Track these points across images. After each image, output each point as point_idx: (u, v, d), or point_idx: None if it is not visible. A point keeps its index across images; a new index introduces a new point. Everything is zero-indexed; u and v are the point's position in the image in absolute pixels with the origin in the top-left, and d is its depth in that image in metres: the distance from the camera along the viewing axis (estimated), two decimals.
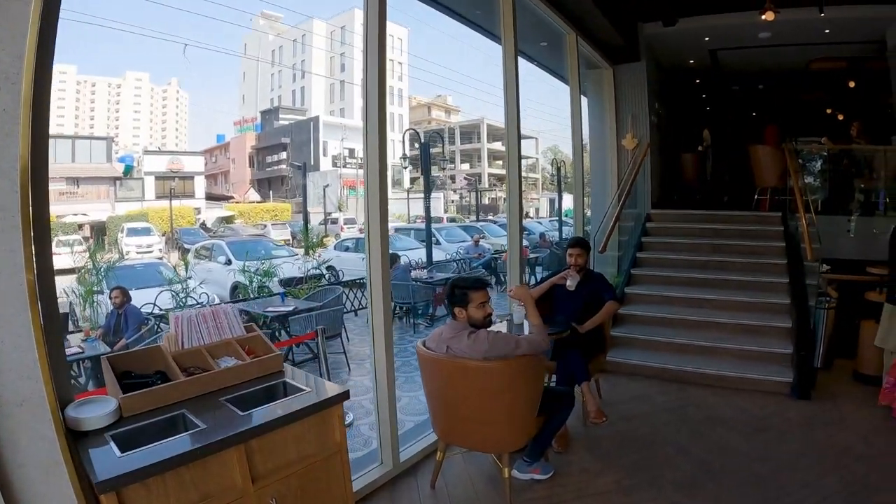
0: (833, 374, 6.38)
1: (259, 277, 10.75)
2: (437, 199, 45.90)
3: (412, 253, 15.17)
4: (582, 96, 9.83)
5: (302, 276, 11.47)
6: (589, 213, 9.41)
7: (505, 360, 3.35)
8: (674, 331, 6.61)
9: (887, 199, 9.45)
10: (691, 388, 5.81)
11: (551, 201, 41.53)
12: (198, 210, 36.93)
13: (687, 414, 5.21)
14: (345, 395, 2.77)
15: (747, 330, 6.40)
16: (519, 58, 9.33)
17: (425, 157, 15.22)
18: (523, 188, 7.06)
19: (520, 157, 5.81)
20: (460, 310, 3.47)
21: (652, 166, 9.47)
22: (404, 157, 21.24)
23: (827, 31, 9.73)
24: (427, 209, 14.36)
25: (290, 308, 7.95)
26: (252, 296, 10.35)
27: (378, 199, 3.77)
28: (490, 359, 3.32)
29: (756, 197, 9.32)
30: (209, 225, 33.41)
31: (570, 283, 4.91)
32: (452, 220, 36.73)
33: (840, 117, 15.09)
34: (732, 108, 16.05)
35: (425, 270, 11.73)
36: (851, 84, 13.40)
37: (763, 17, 7.57)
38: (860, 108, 14.10)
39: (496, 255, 14.67)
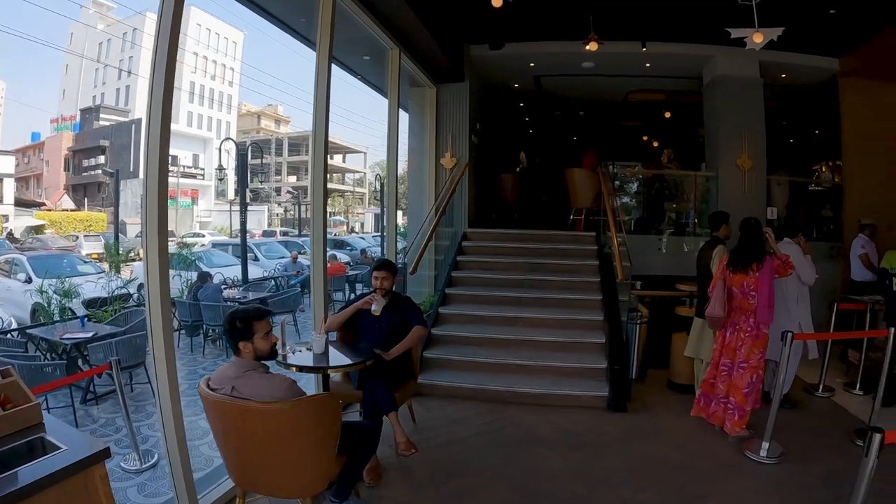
0: (648, 384, 6.72)
1: (58, 298, 9.58)
2: (262, 212, 44.74)
3: (230, 270, 14.40)
4: (404, 113, 9.90)
5: (108, 295, 10.26)
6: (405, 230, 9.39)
7: (292, 401, 3.00)
8: (490, 350, 6.54)
9: (696, 220, 10.25)
10: (509, 407, 5.76)
11: (377, 216, 41.47)
12: (5, 217, 32.18)
13: (505, 435, 5.13)
14: (104, 454, 2.22)
15: (563, 347, 6.48)
16: (344, 71, 8.81)
17: (242, 167, 14.66)
18: (350, 203, 6.83)
19: (325, 168, 5.38)
20: (245, 344, 3.07)
21: (470, 186, 9.56)
22: (220, 167, 20.26)
23: (648, 64, 10.43)
24: (243, 223, 13.75)
25: (90, 334, 7.01)
26: (53, 319, 9.11)
27: (157, 209, 3.31)
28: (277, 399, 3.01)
29: (571, 217, 9.71)
30: (17, 235, 29.33)
31: (376, 308, 4.65)
32: (273, 233, 35.47)
33: (655, 144, 16.28)
34: (554, 132, 16.78)
35: (239, 289, 11.09)
36: (667, 115, 14.54)
37: (587, 47, 7.80)
38: (674, 137, 15.29)
39: None
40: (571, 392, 5.88)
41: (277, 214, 49.28)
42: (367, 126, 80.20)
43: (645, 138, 17.26)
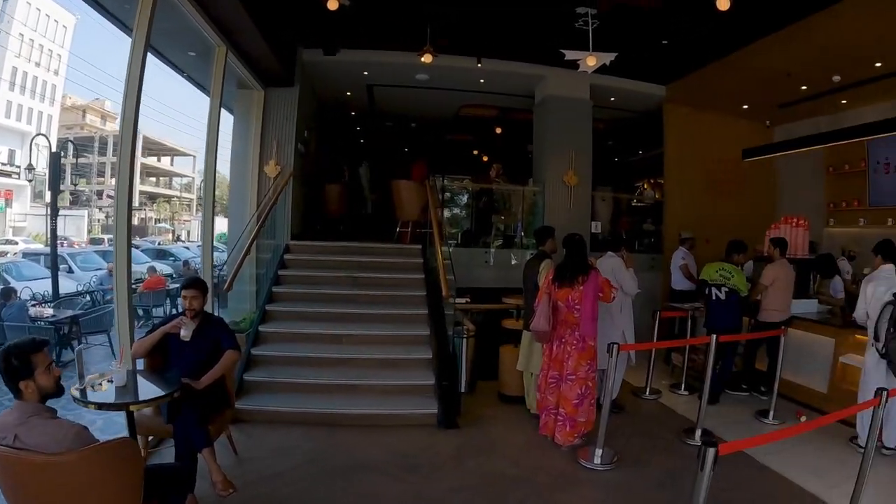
0: (478, 397, 6.80)
1: None
2: (81, 217, 40.43)
3: (41, 284, 12.96)
4: (231, 115, 9.58)
5: None
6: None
7: (79, 452, 2.62)
8: (316, 370, 6.27)
9: (523, 233, 10.54)
10: (338, 431, 5.51)
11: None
12: None
13: (334, 463, 4.85)
14: None
15: (391, 364, 6.42)
16: (171, 70, 8.39)
17: (54, 167, 13.11)
18: (176, 209, 6.30)
19: (132, 167, 4.91)
20: (26, 383, 2.64)
21: (295, 196, 9.24)
22: (29, 166, 18.63)
23: (482, 80, 10.68)
24: (53, 230, 12.43)
25: None
26: None
27: None
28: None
29: (398, 230, 9.71)
30: None
31: (185, 333, 4.25)
32: (101, 241, 31.97)
33: (485, 159, 16.72)
34: (386, 144, 16.76)
35: (49, 306, 9.84)
36: (498, 130, 15.00)
37: (422, 59, 7.84)
38: (505, 152, 15.74)
39: (133, 288, 13.05)
40: (401, 411, 5.80)
41: (99, 220, 44.82)
42: (199, 129, 76.55)
43: (476, 152, 17.70)
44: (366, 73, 10.49)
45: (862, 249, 8.92)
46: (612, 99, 11.45)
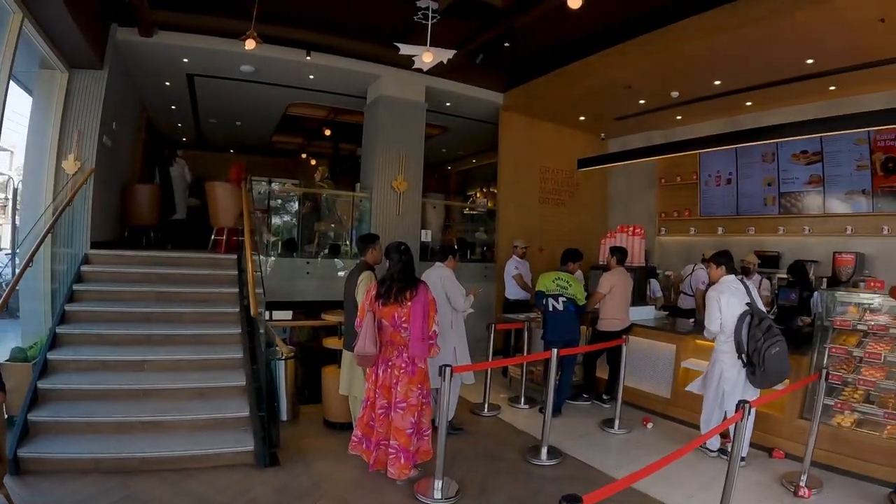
0: (302, 425, 6.54)
1: None
2: None
3: None
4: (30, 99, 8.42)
5: None
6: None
7: None
8: (115, 405, 5.58)
9: (348, 242, 10.31)
10: (138, 478, 4.79)
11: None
12: None
13: None
14: None
15: (201, 394, 5.93)
16: None
17: None
18: None
19: None
20: None
21: (97, 197, 8.32)
22: None
23: (312, 76, 10.33)
24: None
25: None
26: None
27: None
28: None
29: (213, 237, 9.19)
30: None
31: None
32: None
33: (313, 162, 16.40)
34: (209, 143, 16.05)
35: None
36: (327, 132, 14.71)
37: (245, 45, 7.26)
38: (334, 155, 15.46)
39: None
40: (213, 450, 5.25)
41: None
42: (19, 122, 68.43)
43: (304, 156, 17.34)
44: (186, 60, 9.72)
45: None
46: (448, 104, 11.67)
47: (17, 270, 6.27)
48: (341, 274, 9.70)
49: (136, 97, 11.31)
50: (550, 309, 7.18)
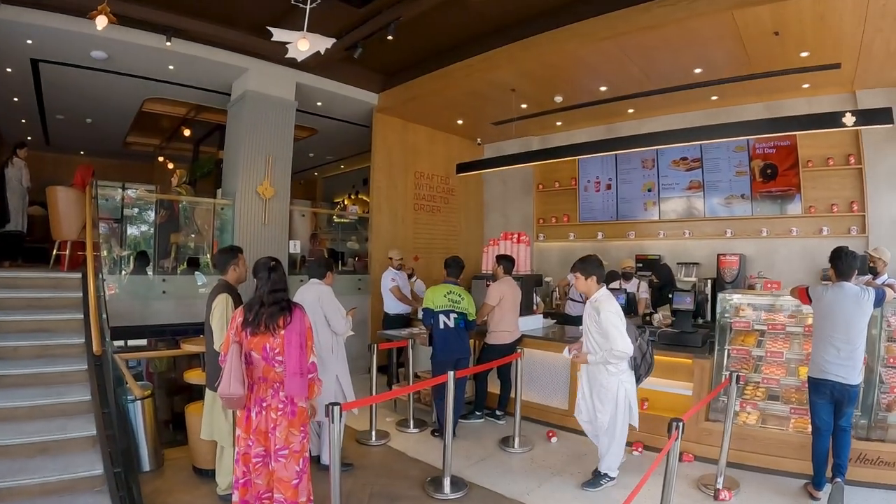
0: (167, 476, 5.61)
1: None
2: None
3: None
4: None
5: None
6: None
7: None
8: None
9: (209, 254, 9.45)
10: None
11: None
12: None
13: None
14: None
15: (43, 449, 4.92)
16: None
17: None
18: None
19: None
20: None
21: None
22: None
23: (172, 66, 9.39)
24: None
25: None
26: None
27: None
28: None
29: (55, 252, 8.03)
30: None
31: None
32: None
33: (170, 166, 15.31)
34: (57, 142, 14.71)
35: None
36: (187, 132, 13.79)
37: (97, 23, 6.25)
38: (193, 158, 14.45)
39: None
40: None
41: None
42: None
43: (161, 159, 16.23)
44: (29, 41, 8.46)
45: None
46: (319, 104, 11.15)
47: None
48: (203, 291, 8.88)
49: None
50: (441, 326, 6.74)
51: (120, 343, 7.75)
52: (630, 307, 7.97)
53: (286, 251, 9.68)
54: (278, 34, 6.05)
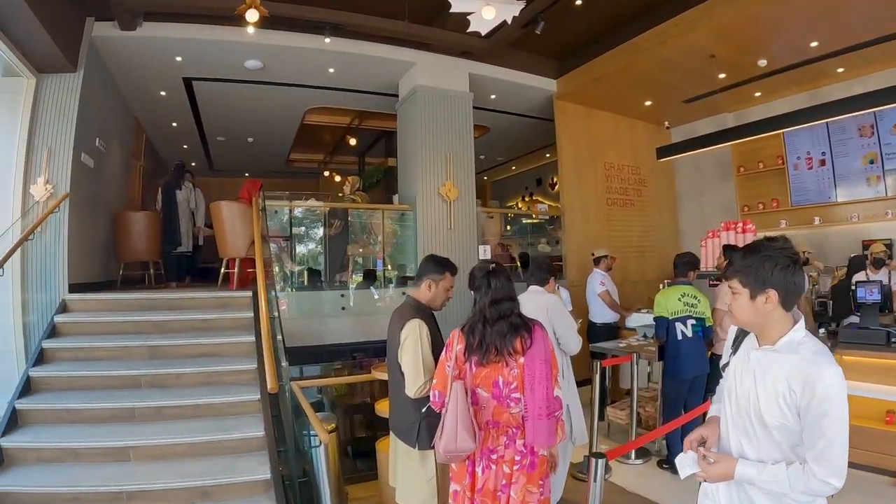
0: None
1: None
2: None
3: None
4: None
5: None
6: None
7: None
8: None
9: (386, 267, 8.86)
10: None
11: None
12: None
13: None
14: None
15: (204, 494, 4.30)
16: None
17: None
18: None
19: None
20: None
21: (77, 229, 6.94)
22: None
23: (332, 70, 8.96)
24: None
25: None
26: None
27: None
28: None
29: (223, 271, 7.69)
30: None
31: None
32: None
33: (337, 179, 15.26)
34: (220, 166, 15.13)
35: None
36: (352, 142, 13.55)
37: (246, 17, 5.95)
38: (359, 169, 14.22)
39: None
40: None
41: None
42: None
43: (327, 173, 16.17)
44: (179, 58, 8.29)
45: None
46: (493, 96, 10.31)
47: None
48: (379, 304, 8.25)
49: (127, 112, 9.98)
50: (679, 336, 5.65)
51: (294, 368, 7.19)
52: (885, 303, 6.31)
53: (476, 257, 8.80)
54: (457, 4, 5.36)
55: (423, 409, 3.39)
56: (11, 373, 5.75)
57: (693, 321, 5.63)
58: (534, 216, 12.94)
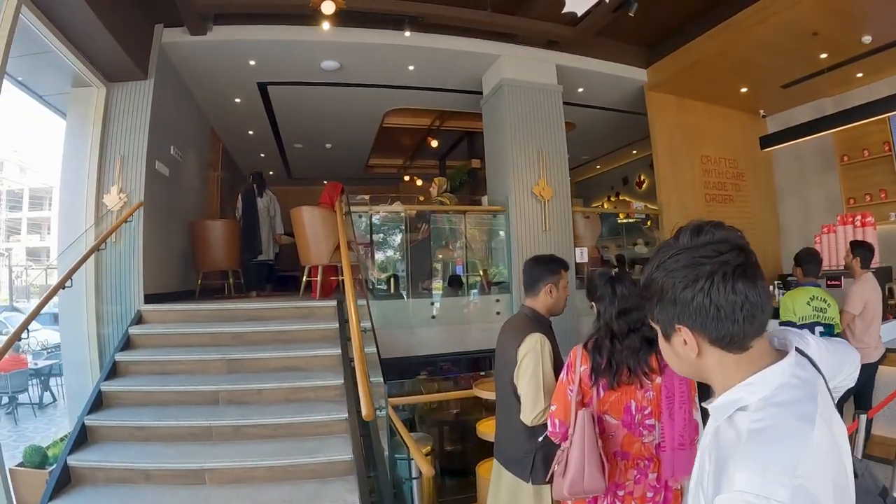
0: None
1: None
2: None
3: None
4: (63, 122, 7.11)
5: None
6: None
7: None
8: None
9: (478, 272, 8.43)
10: None
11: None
12: None
13: None
14: None
15: None
16: None
17: None
18: None
19: None
20: None
21: (153, 238, 6.75)
22: None
23: (412, 67, 8.55)
24: None
25: None
26: None
27: None
28: None
29: (304, 279, 7.32)
30: None
31: None
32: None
33: (419, 183, 15.43)
34: (298, 175, 15.04)
35: None
36: (434, 143, 13.14)
37: (321, 8, 5.80)
38: (439, 173, 13.88)
39: None
40: None
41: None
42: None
43: (407, 178, 16.07)
44: (253, 62, 8.04)
45: None
46: (581, 90, 9.70)
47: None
48: (466, 311, 7.81)
49: (203, 120, 9.86)
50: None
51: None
52: None
53: (573, 261, 8.22)
54: None
55: (540, 439, 2.88)
56: (86, 386, 5.57)
57: (821, 328, 4.90)
58: (629, 215, 12.24)
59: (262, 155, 13.34)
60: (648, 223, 10.69)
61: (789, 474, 0.99)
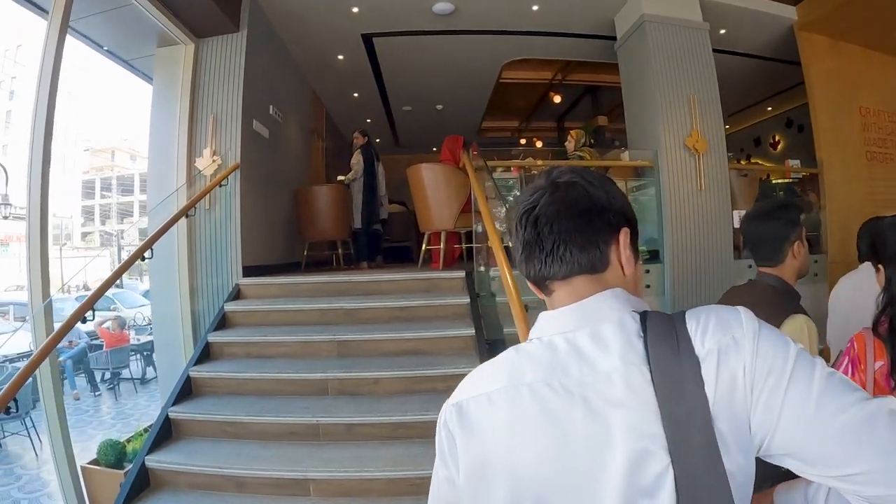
0: None
1: None
2: (104, 257, 40.34)
3: None
4: (149, 86, 6.74)
5: None
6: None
7: None
8: None
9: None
10: None
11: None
12: None
13: None
14: None
15: None
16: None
17: None
18: None
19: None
20: None
21: (251, 205, 6.09)
22: None
23: (535, 7, 7.59)
24: None
25: None
26: None
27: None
28: None
29: (424, 248, 6.46)
30: None
31: None
32: None
33: (539, 144, 14.52)
34: (406, 141, 14.60)
35: None
36: (557, 99, 12.21)
37: None
38: (560, 131, 13.52)
39: (91, 344, 11.20)
40: None
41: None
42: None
43: (523, 141, 15.25)
44: (356, 9, 7.22)
45: None
46: (723, 31, 8.42)
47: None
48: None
49: (303, 82, 9.26)
50: None
51: None
52: None
53: (730, 226, 7.15)
54: None
55: None
56: (177, 368, 4.92)
57: None
58: (786, 176, 10.94)
59: (369, 120, 12.67)
60: (801, 187, 9.40)
61: None
